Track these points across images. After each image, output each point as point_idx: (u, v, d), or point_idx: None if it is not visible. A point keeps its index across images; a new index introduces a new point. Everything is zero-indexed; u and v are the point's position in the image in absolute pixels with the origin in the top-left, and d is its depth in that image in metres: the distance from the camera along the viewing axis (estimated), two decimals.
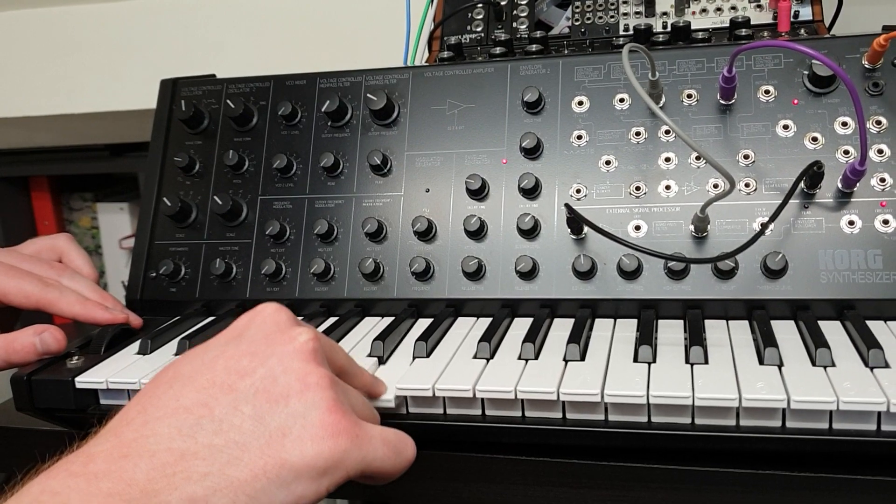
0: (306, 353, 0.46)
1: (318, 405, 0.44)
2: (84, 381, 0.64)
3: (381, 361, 0.64)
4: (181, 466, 0.40)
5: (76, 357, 0.68)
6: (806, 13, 0.88)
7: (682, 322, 0.66)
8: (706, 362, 0.58)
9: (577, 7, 0.95)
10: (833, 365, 0.56)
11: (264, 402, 0.43)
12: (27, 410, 0.66)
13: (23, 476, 0.41)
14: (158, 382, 0.46)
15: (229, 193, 0.80)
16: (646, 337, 0.61)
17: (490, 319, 0.69)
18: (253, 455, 0.42)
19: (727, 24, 0.87)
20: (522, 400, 0.57)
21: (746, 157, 0.69)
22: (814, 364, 0.56)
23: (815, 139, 0.68)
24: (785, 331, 0.62)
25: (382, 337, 0.66)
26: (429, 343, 0.64)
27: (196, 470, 0.40)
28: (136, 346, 0.70)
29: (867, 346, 0.56)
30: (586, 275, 0.69)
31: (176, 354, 0.68)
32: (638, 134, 0.72)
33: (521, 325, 0.68)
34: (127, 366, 0.66)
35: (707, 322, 0.65)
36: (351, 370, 0.54)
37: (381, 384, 0.58)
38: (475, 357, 0.62)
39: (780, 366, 0.56)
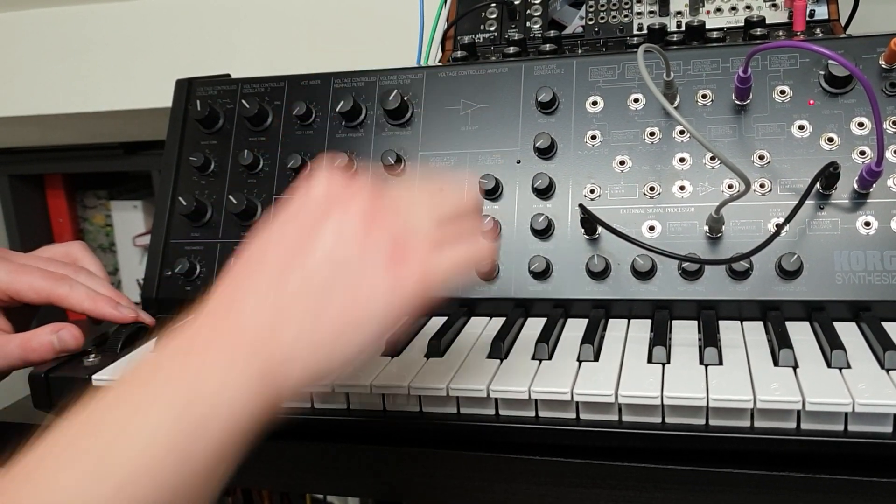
0: (359, 216, 0.48)
1: (377, 262, 0.47)
2: (101, 378, 0.65)
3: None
4: (272, 336, 0.45)
5: (93, 355, 0.69)
6: (822, 12, 0.87)
7: (696, 323, 0.66)
8: (720, 363, 0.58)
9: (591, 6, 0.95)
10: (848, 366, 0.56)
11: (329, 270, 0.47)
12: (44, 407, 0.66)
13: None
14: (235, 270, 0.50)
15: (244, 193, 0.80)
16: (660, 337, 0.61)
17: (503, 319, 0.69)
18: (330, 317, 0.46)
19: (742, 24, 0.87)
20: (536, 400, 0.57)
21: (761, 157, 0.69)
22: (829, 365, 0.56)
23: (830, 140, 0.68)
24: (800, 332, 0.62)
25: (395, 335, 0.66)
26: (442, 342, 0.65)
27: (284, 338, 0.45)
28: (151, 344, 0.70)
29: (883, 348, 0.56)
30: (600, 275, 0.69)
31: None
32: (652, 134, 0.72)
33: (534, 325, 0.68)
34: None
35: (721, 323, 0.65)
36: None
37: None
38: (489, 357, 0.63)
39: (795, 367, 0.56)
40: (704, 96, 0.72)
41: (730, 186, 0.69)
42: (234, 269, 0.49)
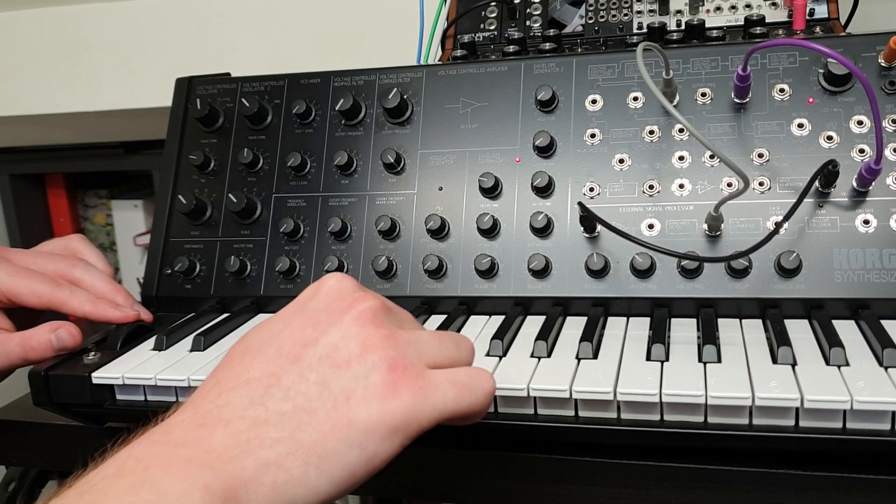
0: (366, 318, 0.47)
1: (377, 366, 0.45)
2: (100, 376, 0.65)
3: None
4: (254, 433, 0.43)
5: (93, 353, 0.69)
6: (821, 11, 0.87)
7: (695, 321, 0.66)
8: (719, 361, 0.58)
9: (591, 5, 0.95)
10: (847, 364, 0.56)
11: (328, 368, 0.45)
12: (44, 405, 0.67)
13: (111, 444, 0.44)
14: (231, 356, 0.49)
15: (244, 191, 0.80)
16: (659, 335, 0.61)
17: (502, 317, 0.69)
18: (320, 418, 0.44)
19: (742, 23, 0.87)
20: (535, 398, 0.57)
21: (761, 155, 0.69)
22: (828, 363, 0.56)
23: (830, 138, 0.68)
24: (798, 330, 0.62)
25: None
26: None
27: (268, 436, 0.43)
28: (151, 342, 0.71)
29: (882, 346, 0.56)
30: (599, 273, 0.69)
31: (191, 351, 0.69)
32: (652, 132, 0.72)
33: (533, 323, 0.68)
34: (143, 362, 0.67)
35: (720, 321, 0.65)
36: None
37: None
38: (487, 355, 0.63)
39: (794, 365, 0.56)
40: (704, 95, 0.72)
41: (729, 185, 0.69)
42: (231, 355, 0.48)
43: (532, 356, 0.61)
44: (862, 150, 0.67)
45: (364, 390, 0.45)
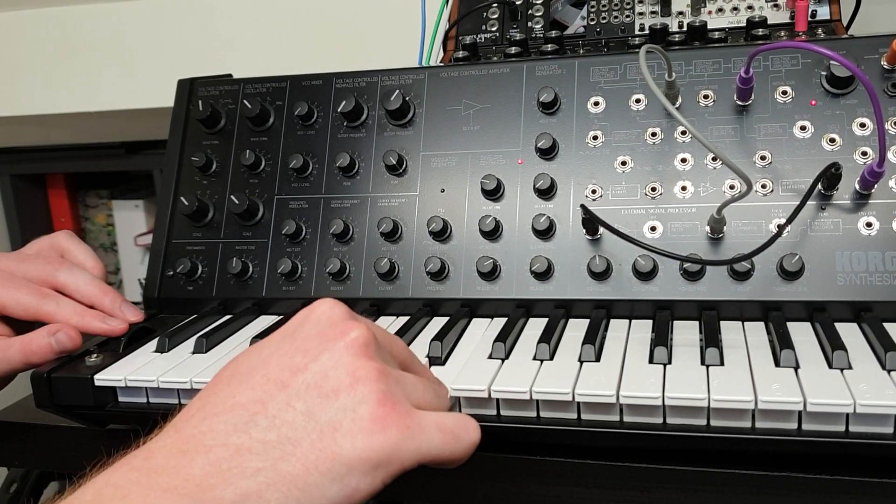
0: (357, 348, 0.46)
1: (367, 399, 0.44)
2: (103, 378, 0.65)
3: None
4: (236, 462, 0.42)
5: (95, 354, 0.69)
6: (823, 13, 0.87)
7: (697, 323, 0.66)
8: (722, 364, 0.58)
9: (593, 6, 0.95)
10: (850, 367, 0.56)
11: (316, 397, 0.44)
12: (47, 407, 0.67)
13: (91, 469, 0.43)
14: (218, 380, 0.47)
15: (246, 193, 0.80)
16: (661, 338, 0.61)
17: (505, 320, 0.69)
18: (304, 450, 0.43)
19: (744, 24, 0.87)
20: (537, 400, 0.57)
21: (763, 158, 0.69)
22: (830, 366, 0.56)
23: (832, 140, 0.68)
24: (801, 333, 0.62)
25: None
26: (444, 343, 0.65)
27: (250, 465, 0.41)
28: (153, 344, 0.71)
29: (884, 349, 0.56)
30: (601, 275, 0.69)
31: (193, 353, 0.69)
32: (654, 135, 0.72)
33: (535, 326, 0.68)
34: (145, 364, 0.67)
35: (723, 323, 0.65)
36: (412, 365, 0.54)
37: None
38: (490, 357, 0.63)
39: (797, 368, 0.56)
40: (706, 97, 0.72)
41: (731, 187, 0.69)
42: (218, 378, 0.47)
43: (534, 359, 0.61)
44: (864, 153, 0.67)
45: (351, 423, 0.44)
